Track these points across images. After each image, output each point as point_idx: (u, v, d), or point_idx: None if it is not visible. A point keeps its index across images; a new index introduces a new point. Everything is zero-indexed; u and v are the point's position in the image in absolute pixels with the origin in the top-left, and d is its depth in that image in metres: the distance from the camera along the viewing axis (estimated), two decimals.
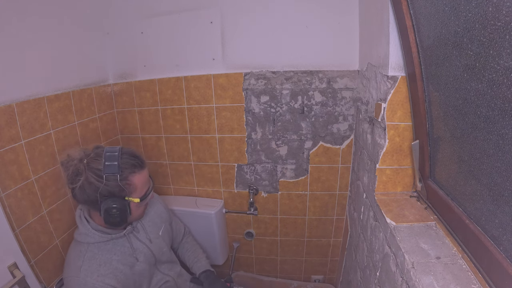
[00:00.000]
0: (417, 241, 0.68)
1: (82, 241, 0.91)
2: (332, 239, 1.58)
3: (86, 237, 0.91)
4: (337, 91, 1.28)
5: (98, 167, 0.84)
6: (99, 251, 0.92)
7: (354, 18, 1.18)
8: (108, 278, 0.89)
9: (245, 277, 1.75)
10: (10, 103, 0.94)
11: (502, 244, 0.50)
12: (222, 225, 1.56)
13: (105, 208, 0.85)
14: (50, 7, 1.09)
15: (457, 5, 0.53)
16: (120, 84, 1.46)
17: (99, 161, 0.85)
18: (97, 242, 0.92)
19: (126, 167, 0.87)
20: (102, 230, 0.93)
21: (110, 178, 0.84)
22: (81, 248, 0.91)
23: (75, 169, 0.84)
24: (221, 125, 1.41)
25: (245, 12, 1.24)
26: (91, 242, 0.92)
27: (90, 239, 0.91)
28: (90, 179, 0.83)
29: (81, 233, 0.92)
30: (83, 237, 0.91)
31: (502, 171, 0.48)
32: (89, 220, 0.93)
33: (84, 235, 0.91)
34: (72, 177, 0.84)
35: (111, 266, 0.92)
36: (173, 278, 1.16)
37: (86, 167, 0.84)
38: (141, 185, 0.92)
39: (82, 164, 0.84)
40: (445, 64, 0.62)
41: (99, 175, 0.84)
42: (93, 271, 0.88)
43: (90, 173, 0.83)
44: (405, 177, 0.92)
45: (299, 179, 1.45)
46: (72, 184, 0.84)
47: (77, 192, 0.84)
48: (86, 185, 0.83)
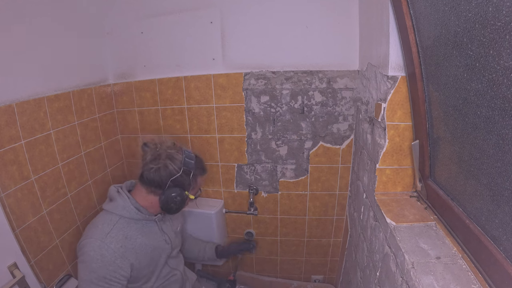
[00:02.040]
0: (417, 241, 0.68)
1: (116, 212, 0.96)
2: (332, 239, 1.58)
3: (122, 210, 0.97)
4: (337, 91, 1.28)
5: (179, 159, 0.97)
6: (128, 226, 0.97)
7: (354, 18, 1.18)
8: (129, 252, 0.94)
9: (245, 277, 1.75)
10: (10, 103, 0.94)
11: (502, 244, 0.50)
12: (222, 225, 1.56)
13: (169, 194, 0.97)
14: (50, 7, 1.09)
15: (457, 5, 0.53)
16: (120, 84, 1.46)
17: (179, 154, 0.98)
18: (129, 218, 0.97)
19: (198, 167, 1.04)
20: (139, 208, 1.00)
21: (186, 171, 0.98)
22: (112, 217, 0.96)
23: (158, 153, 0.96)
24: (221, 125, 1.41)
25: (245, 12, 1.24)
26: (124, 216, 0.97)
27: (126, 213, 0.97)
28: (169, 166, 0.95)
29: (117, 205, 0.97)
30: (119, 209, 0.96)
31: (502, 171, 0.48)
32: (130, 196, 1.00)
33: (121, 207, 0.97)
34: (152, 158, 0.96)
35: (135, 243, 0.97)
36: (180, 272, 1.20)
37: (168, 154, 0.96)
38: (199, 186, 1.10)
39: (164, 149, 0.97)
40: (445, 64, 0.62)
41: (178, 166, 0.97)
42: (119, 240, 0.93)
43: (171, 162, 0.96)
44: (405, 177, 0.92)
45: (299, 179, 1.45)
46: (151, 164, 0.95)
47: (152, 173, 0.95)
48: (163, 169, 0.95)
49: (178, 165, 0.97)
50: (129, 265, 0.94)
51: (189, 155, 1.00)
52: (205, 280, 1.39)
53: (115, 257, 0.90)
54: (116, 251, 0.91)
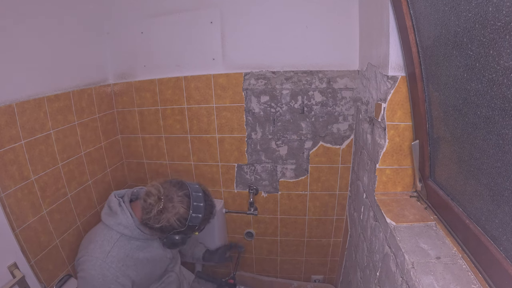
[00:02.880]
0: (417, 241, 0.68)
1: (117, 230, 0.93)
2: (332, 239, 1.58)
3: (125, 229, 0.94)
4: (337, 91, 1.28)
5: (183, 216, 0.91)
6: (129, 244, 0.95)
7: (354, 18, 1.17)
8: (130, 270, 0.93)
9: (245, 277, 1.75)
10: (10, 103, 0.94)
11: (502, 244, 0.50)
12: (222, 225, 1.56)
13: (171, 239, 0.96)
14: (50, 7, 1.09)
15: (457, 5, 0.53)
16: (120, 84, 1.46)
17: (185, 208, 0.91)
18: (130, 236, 0.95)
19: (206, 218, 0.97)
20: (142, 229, 0.96)
21: (191, 226, 0.93)
22: (112, 234, 0.94)
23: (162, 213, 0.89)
24: (221, 125, 1.41)
25: (245, 12, 1.24)
26: (125, 234, 0.94)
27: (128, 232, 0.94)
28: (172, 224, 0.90)
29: (119, 223, 0.94)
30: (120, 227, 0.93)
31: (502, 171, 0.48)
32: (133, 215, 0.95)
33: (122, 226, 0.94)
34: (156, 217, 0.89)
35: (137, 260, 0.96)
36: (176, 273, 1.20)
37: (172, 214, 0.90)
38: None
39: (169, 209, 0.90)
40: (445, 64, 0.62)
41: (183, 223, 0.91)
42: (120, 259, 0.91)
43: (175, 219, 0.90)
44: (405, 177, 0.92)
45: (299, 179, 1.45)
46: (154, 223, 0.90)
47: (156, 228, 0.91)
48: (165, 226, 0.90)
49: (182, 221, 0.91)
50: (130, 282, 0.94)
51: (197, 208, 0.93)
52: (204, 281, 1.38)
53: (116, 276, 0.90)
54: (117, 270, 0.90)
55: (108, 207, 0.99)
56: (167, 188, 0.93)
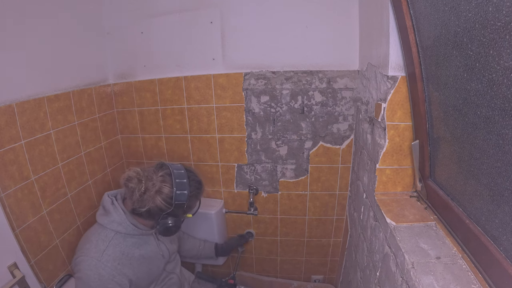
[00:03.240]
0: (417, 241, 0.68)
1: (111, 228, 0.93)
2: (332, 239, 1.58)
3: (118, 226, 0.93)
4: (337, 91, 1.28)
5: (168, 194, 0.89)
6: (124, 241, 0.94)
7: (354, 18, 1.18)
8: (126, 268, 0.92)
9: (245, 277, 1.75)
10: (10, 103, 0.94)
11: (502, 244, 0.50)
12: (222, 225, 1.56)
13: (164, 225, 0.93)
14: (50, 7, 1.09)
15: (457, 5, 0.53)
16: (120, 84, 1.46)
17: (168, 187, 0.90)
18: (125, 233, 0.94)
19: (193, 195, 0.95)
20: (135, 225, 0.96)
21: (178, 205, 0.91)
22: (107, 233, 0.93)
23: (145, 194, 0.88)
24: (221, 125, 1.41)
25: (245, 12, 1.24)
26: (120, 232, 0.93)
27: (121, 228, 0.93)
28: (159, 204, 0.89)
29: (113, 220, 0.93)
30: (113, 225, 0.93)
31: (502, 171, 0.48)
32: (126, 211, 0.95)
33: (117, 223, 0.93)
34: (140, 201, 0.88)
35: (132, 258, 0.95)
36: (177, 275, 1.20)
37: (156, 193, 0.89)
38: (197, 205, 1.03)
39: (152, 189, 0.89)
40: (445, 64, 0.62)
41: (169, 202, 0.90)
42: (115, 258, 0.91)
43: (160, 199, 0.89)
44: (405, 177, 0.92)
45: (299, 179, 1.45)
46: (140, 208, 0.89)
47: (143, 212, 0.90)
48: (153, 208, 0.89)
49: (168, 200, 0.90)
50: (127, 281, 0.93)
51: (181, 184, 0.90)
52: (205, 282, 1.39)
53: (113, 275, 0.89)
54: (113, 269, 0.89)
55: (102, 207, 0.99)
56: (146, 170, 0.93)
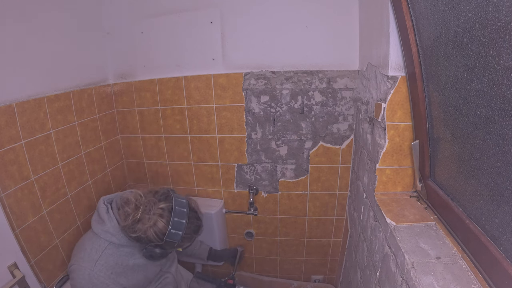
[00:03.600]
0: (417, 241, 0.68)
1: (105, 238, 0.91)
2: (332, 239, 1.58)
3: (112, 237, 0.91)
4: (337, 91, 1.28)
5: (161, 230, 0.85)
6: (117, 251, 0.93)
7: (354, 18, 1.17)
8: (120, 277, 0.92)
9: (245, 277, 1.75)
10: (10, 103, 0.94)
11: (502, 244, 0.50)
12: (222, 225, 1.56)
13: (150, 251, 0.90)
14: (50, 7, 1.09)
15: (457, 5, 0.53)
16: (120, 84, 1.46)
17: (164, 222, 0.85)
18: (119, 244, 0.93)
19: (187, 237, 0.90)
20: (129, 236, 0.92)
21: (169, 243, 0.87)
22: (100, 242, 0.91)
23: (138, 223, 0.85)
24: (221, 125, 1.41)
25: (245, 12, 1.24)
26: (113, 242, 0.92)
27: (115, 240, 0.91)
28: (150, 236, 0.85)
29: (107, 230, 0.91)
30: (107, 235, 0.91)
31: (502, 171, 0.48)
32: (120, 221, 0.91)
33: (111, 235, 0.91)
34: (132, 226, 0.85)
35: (126, 267, 0.94)
36: (172, 274, 1.19)
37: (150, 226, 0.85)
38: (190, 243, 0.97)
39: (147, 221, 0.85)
40: (445, 64, 0.62)
41: (160, 237, 0.86)
42: (108, 267, 0.89)
43: (152, 231, 0.85)
44: (405, 177, 0.92)
45: (299, 179, 1.45)
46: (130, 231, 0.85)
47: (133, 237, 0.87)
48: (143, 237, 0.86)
49: (160, 236, 0.85)
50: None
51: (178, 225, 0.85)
52: (204, 282, 1.38)
53: (106, 284, 0.88)
54: (107, 278, 0.88)
55: (97, 213, 0.96)
56: (149, 197, 0.89)
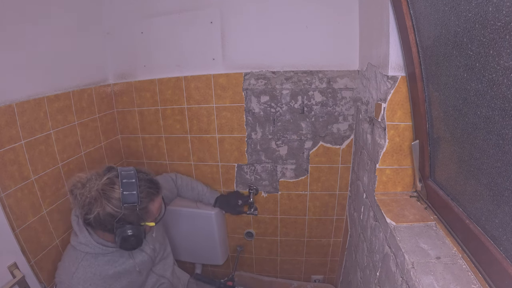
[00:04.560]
0: (417, 241, 0.68)
1: (81, 250, 0.88)
2: (332, 239, 1.58)
3: (86, 247, 0.88)
4: (337, 91, 1.28)
5: (115, 197, 0.81)
6: (95, 261, 0.89)
7: (354, 18, 1.17)
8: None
9: (245, 277, 1.75)
10: (10, 103, 0.94)
11: (502, 244, 0.50)
12: (222, 225, 1.56)
13: (121, 235, 0.83)
14: (50, 7, 1.09)
15: (457, 5, 0.53)
16: (120, 84, 1.46)
17: (115, 189, 0.81)
18: (95, 253, 0.90)
19: (144, 196, 0.85)
20: (103, 243, 0.90)
21: (129, 207, 0.82)
22: (77, 254, 0.88)
23: (90, 199, 0.80)
24: (221, 125, 1.41)
25: (245, 12, 1.24)
26: (89, 253, 0.89)
27: (90, 250, 0.88)
28: (107, 209, 0.80)
29: (80, 242, 0.88)
30: (82, 246, 0.88)
31: (502, 171, 0.48)
32: (91, 231, 0.89)
33: (84, 245, 0.88)
34: (87, 207, 0.80)
35: (106, 276, 0.90)
36: (169, 280, 1.15)
37: (102, 197, 0.80)
38: (156, 210, 0.92)
39: (97, 193, 0.80)
40: (445, 64, 0.62)
41: (117, 205, 0.81)
42: (86, 279, 0.86)
43: (107, 202, 0.80)
44: (405, 177, 0.92)
45: (299, 179, 1.45)
46: (87, 215, 0.81)
47: (92, 221, 0.82)
48: (102, 214, 0.80)
49: (116, 203, 0.80)
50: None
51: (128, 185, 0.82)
52: (203, 283, 1.38)
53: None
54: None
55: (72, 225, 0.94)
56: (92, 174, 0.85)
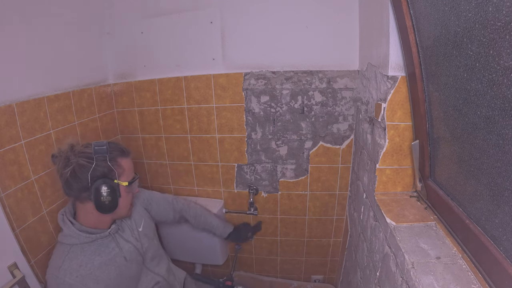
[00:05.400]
0: (417, 241, 0.68)
1: (66, 242, 0.90)
2: (332, 239, 1.58)
3: (71, 239, 0.90)
4: (337, 91, 1.28)
5: (88, 151, 0.88)
6: (81, 252, 0.91)
7: (354, 18, 1.18)
8: (87, 279, 0.89)
9: (245, 277, 1.75)
10: (10, 103, 0.94)
11: (502, 244, 0.50)
12: None
13: (96, 190, 0.87)
14: (50, 7, 1.09)
15: (457, 5, 0.53)
16: (120, 84, 1.46)
17: (89, 147, 0.89)
18: (81, 243, 0.91)
19: (114, 151, 0.93)
20: (87, 231, 0.92)
21: (100, 158, 0.88)
22: (63, 248, 0.90)
23: (66, 157, 0.87)
24: (221, 125, 1.41)
25: (245, 12, 1.24)
26: (74, 243, 0.91)
27: (75, 240, 0.90)
28: (80, 162, 0.86)
29: (65, 235, 0.91)
30: (67, 238, 0.90)
31: (502, 171, 0.48)
32: (73, 221, 0.93)
33: (69, 236, 0.90)
34: (64, 164, 0.87)
35: (92, 267, 0.91)
36: (164, 278, 1.14)
37: (76, 153, 0.88)
38: (128, 169, 0.97)
39: (72, 151, 0.89)
40: (445, 64, 0.62)
41: (90, 157, 0.87)
42: (72, 271, 0.87)
43: (81, 157, 0.87)
44: (405, 177, 0.92)
45: (299, 179, 1.45)
46: (65, 169, 0.86)
47: (69, 179, 0.86)
48: (77, 168, 0.86)
49: (89, 156, 0.88)
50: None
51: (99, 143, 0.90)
52: (201, 283, 1.37)
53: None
54: (72, 283, 0.86)
55: None
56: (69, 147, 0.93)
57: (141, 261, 1.07)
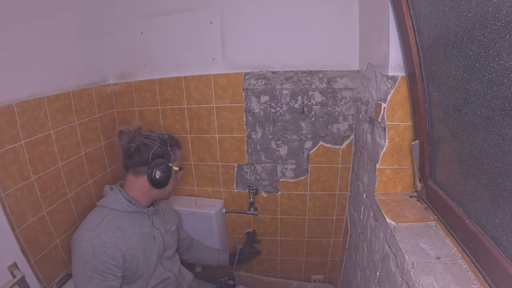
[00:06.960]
0: (417, 241, 0.68)
1: (108, 206, 0.99)
2: (332, 239, 1.58)
3: (114, 204, 0.99)
4: (337, 91, 1.28)
5: (152, 135, 1.05)
6: (119, 218, 0.98)
7: (354, 18, 1.18)
8: (120, 242, 0.94)
9: (245, 277, 1.75)
10: (10, 103, 0.94)
11: (502, 244, 0.50)
12: (222, 225, 1.56)
13: (154, 165, 1.01)
14: (50, 7, 1.10)
15: (457, 5, 0.53)
16: (120, 84, 1.46)
17: (153, 133, 1.06)
18: (121, 210, 0.99)
19: (173, 141, 1.09)
20: (130, 200, 1.02)
21: (162, 143, 1.05)
22: (104, 210, 0.98)
23: (133, 135, 1.03)
24: (221, 125, 1.41)
25: (245, 12, 1.24)
26: (115, 209, 0.99)
27: (117, 205, 0.99)
28: (145, 141, 1.02)
29: (109, 199, 1.00)
30: (110, 203, 0.99)
31: (502, 171, 0.48)
32: (121, 190, 1.03)
33: (113, 201, 1.00)
34: (130, 140, 1.03)
35: (126, 233, 0.98)
36: (175, 275, 1.17)
37: (143, 135, 1.04)
38: (179, 159, 1.13)
39: (139, 132, 1.05)
40: (445, 64, 0.62)
41: (154, 139, 1.03)
42: (109, 230, 0.93)
43: (146, 138, 1.03)
44: (405, 177, 0.92)
45: (299, 179, 1.45)
46: (129, 144, 1.02)
47: (133, 151, 1.00)
48: (142, 146, 1.01)
49: (154, 139, 1.04)
50: (120, 255, 0.93)
51: (161, 132, 1.08)
52: (204, 282, 1.38)
53: (105, 247, 0.89)
54: (106, 241, 0.90)
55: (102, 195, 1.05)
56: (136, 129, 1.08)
57: (160, 252, 1.12)
